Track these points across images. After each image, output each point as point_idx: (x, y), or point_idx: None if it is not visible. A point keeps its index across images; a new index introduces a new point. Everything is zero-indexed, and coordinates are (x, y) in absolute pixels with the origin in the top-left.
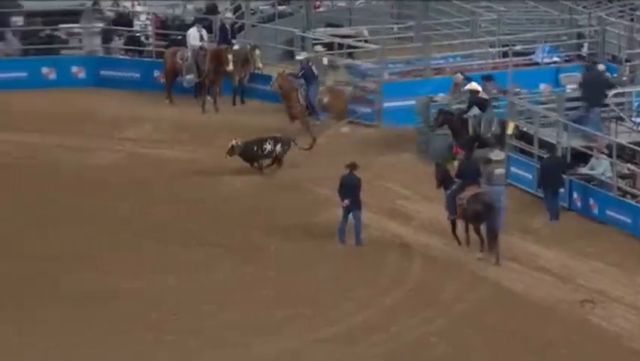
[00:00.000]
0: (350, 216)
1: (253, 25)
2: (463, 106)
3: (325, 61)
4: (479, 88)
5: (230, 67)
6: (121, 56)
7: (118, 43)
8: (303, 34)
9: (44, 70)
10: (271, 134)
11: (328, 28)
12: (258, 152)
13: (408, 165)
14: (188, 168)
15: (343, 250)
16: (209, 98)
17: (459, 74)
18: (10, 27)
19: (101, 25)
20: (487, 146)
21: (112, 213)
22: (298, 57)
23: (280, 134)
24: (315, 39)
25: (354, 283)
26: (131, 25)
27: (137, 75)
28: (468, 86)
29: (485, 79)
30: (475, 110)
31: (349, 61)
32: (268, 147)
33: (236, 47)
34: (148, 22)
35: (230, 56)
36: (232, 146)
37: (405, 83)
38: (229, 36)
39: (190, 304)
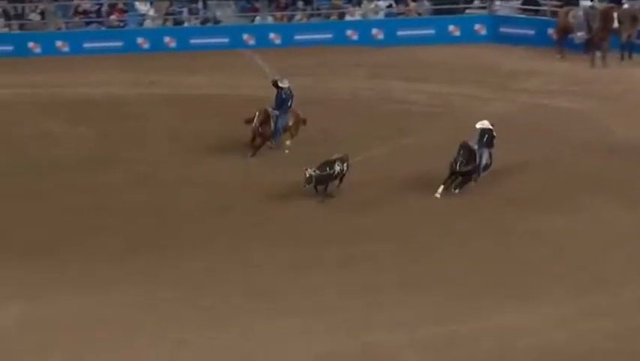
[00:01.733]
0: None
1: None
2: None
3: None
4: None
5: (616, 24)
6: (519, 15)
7: (516, 3)
8: None
9: (450, 27)
10: (337, 155)
11: None
12: (331, 173)
13: None
14: (576, 117)
15: None
16: (598, 53)
17: None
18: None
19: None
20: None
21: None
22: (281, 84)
23: (343, 153)
24: None
25: None
26: None
27: (532, 32)
28: (479, 125)
29: None
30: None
31: None
32: (337, 168)
33: (625, 6)
34: None
35: (615, 14)
36: (310, 175)
37: None
38: None
39: (575, 244)
